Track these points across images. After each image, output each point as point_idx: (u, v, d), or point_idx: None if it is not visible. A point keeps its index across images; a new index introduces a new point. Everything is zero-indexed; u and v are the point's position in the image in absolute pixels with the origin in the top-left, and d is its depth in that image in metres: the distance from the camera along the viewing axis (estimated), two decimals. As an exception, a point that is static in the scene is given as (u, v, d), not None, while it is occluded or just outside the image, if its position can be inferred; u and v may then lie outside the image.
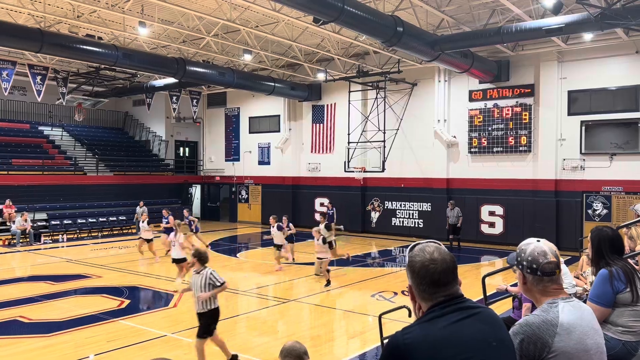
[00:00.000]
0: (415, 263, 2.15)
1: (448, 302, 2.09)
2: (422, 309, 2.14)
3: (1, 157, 23.66)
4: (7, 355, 7.83)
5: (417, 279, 2.14)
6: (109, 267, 15.24)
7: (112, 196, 25.63)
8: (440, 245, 2.20)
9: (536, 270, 2.41)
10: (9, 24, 15.48)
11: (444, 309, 2.06)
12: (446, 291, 2.10)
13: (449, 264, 2.13)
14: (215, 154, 30.55)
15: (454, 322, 2.03)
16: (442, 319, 2.04)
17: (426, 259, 2.13)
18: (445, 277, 2.11)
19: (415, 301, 2.19)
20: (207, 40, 19.01)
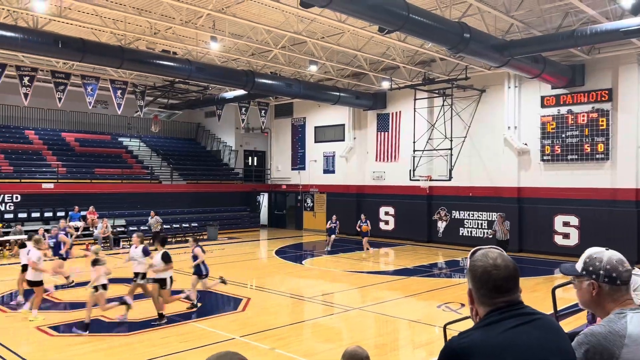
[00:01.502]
0: (477, 268, 2.15)
1: (507, 307, 2.08)
2: (480, 314, 2.15)
3: (85, 167, 25.38)
4: (89, 351, 8.39)
5: (477, 284, 2.15)
6: (181, 271, 15.90)
7: (184, 204, 26.76)
8: (503, 252, 2.21)
9: (616, 279, 2.33)
10: (93, 43, 16.66)
11: (502, 314, 2.06)
12: (506, 297, 2.10)
13: (512, 271, 2.13)
14: (281, 163, 31.19)
15: (512, 328, 2.02)
16: (500, 325, 2.03)
17: (489, 265, 2.13)
18: (507, 284, 2.11)
19: (473, 305, 2.20)
20: (275, 53, 19.54)
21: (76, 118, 28.74)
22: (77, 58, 16.29)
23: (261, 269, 17.80)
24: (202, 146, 33.80)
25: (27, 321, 10.11)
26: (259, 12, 16.19)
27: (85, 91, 21.31)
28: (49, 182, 23.07)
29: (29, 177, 22.93)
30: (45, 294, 11.04)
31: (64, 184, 23.34)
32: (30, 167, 23.86)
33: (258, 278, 15.43)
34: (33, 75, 19.62)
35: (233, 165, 31.50)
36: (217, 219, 26.51)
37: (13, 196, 21.66)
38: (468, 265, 2.21)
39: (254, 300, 12.03)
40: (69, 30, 17.32)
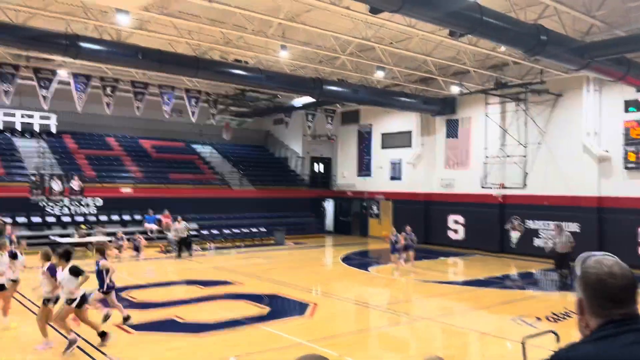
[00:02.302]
0: (590, 275, 1.97)
1: (623, 321, 1.89)
2: (591, 326, 1.96)
3: (161, 172, 26.55)
4: (164, 349, 8.71)
5: (590, 293, 1.97)
6: (250, 274, 16.26)
7: (253, 209, 27.35)
8: (618, 260, 2.02)
9: None
10: (170, 53, 17.44)
11: (619, 328, 1.87)
12: (623, 309, 1.91)
13: (630, 280, 1.93)
14: (347, 170, 31.21)
15: (630, 344, 1.83)
16: (616, 339, 1.85)
17: (603, 272, 1.95)
18: (624, 294, 1.92)
19: (582, 316, 2.01)
20: (342, 59, 19.61)
21: (153, 126, 30.12)
22: (156, 68, 17.12)
23: (327, 275, 17.84)
24: (270, 153, 34.48)
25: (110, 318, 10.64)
26: (328, 19, 16.31)
27: (162, 100, 22.34)
28: (127, 186, 24.34)
29: (110, 181, 24.29)
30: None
31: (141, 188, 24.53)
32: (110, 172, 25.28)
33: (324, 284, 15.47)
34: (115, 86, 20.81)
35: (300, 172, 31.88)
36: (283, 224, 26.88)
37: (96, 199, 23.01)
38: (579, 273, 2.03)
39: (321, 306, 12.06)
40: (148, 42, 18.21)
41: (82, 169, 24.27)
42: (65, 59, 17.78)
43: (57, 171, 22.79)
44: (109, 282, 9.94)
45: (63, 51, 14.84)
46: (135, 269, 17.89)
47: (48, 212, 21.75)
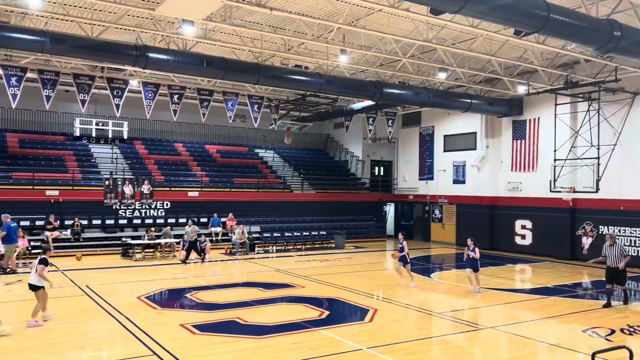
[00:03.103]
0: None
1: None
2: None
3: (225, 176, 27.30)
4: (226, 351, 8.92)
5: None
6: (311, 278, 16.36)
7: (314, 212, 27.55)
8: None
9: None
10: (234, 61, 17.91)
11: None
12: None
13: None
14: (409, 173, 30.80)
15: None
16: None
17: None
18: None
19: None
20: (403, 62, 19.41)
21: (218, 131, 31.08)
22: (220, 76, 17.63)
23: (388, 280, 17.65)
24: (330, 156, 34.62)
25: (175, 318, 11.05)
26: (388, 22, 16.20)
27: (226, 106, 22.98)
28: (194, 190, 25.18)
29: (177, 185, 25.23)
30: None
31: (207, 192, 25.31)
32: (178, 176, 26.26)
33: (385, 289, 15.32)
34: (182, 93, 21.61)
35: (360, 175, 31.79)
36: (344, 228, 26.89)
37: (164, 203, 23.97)
38: None
39: (381, 312, 11.95)
40: (212, 50, 18.82)
41: (152, 173, 25.36)
42: (135, 69, 18.68)
43: (128, 176, 23.95)
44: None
45: (133, 61, 15.59)
46: (200, 270, 18.45)
47: (120, 215, 22.87)
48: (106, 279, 16.27)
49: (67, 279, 15.88)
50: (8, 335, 9.48)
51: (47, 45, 14.27)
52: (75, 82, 19.54)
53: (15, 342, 9.30)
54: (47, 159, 24.46)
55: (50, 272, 17.01)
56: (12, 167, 22.74)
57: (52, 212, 20.97)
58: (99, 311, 11.78)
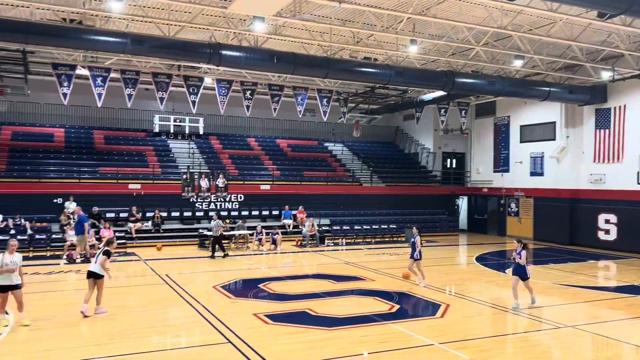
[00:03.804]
0: None
1: None
2: None
3: (296, 170, 27.71)
4: (298, 341, 9.08)
5: None
6: (381, 271, 16.30)
7: (384, 205, 27.36)
8: None
9: None
10: (303, 56, 18.09)
11: None
12: None
13: None
14: (482, 165, 29.85)
15: None
16: None
17: None
18: None
19: None
20: (477, 50, 18.79)
21: (288, 126, 31.56)
22: (290, 71, 17.88)
23: (460, 274, 17.25)
24: (400, 149, 34.21)
25: (248, 308, 11.39)
26: (460, 10, 15.74)
27: (296, 101, 23.29)
28: (266, 183, 25.78)
29: (250, 179, 25.91)
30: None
31: (278, 185, 25.82)
32: (251, 170, 26.96)
33: (457, 284, 14.98)
34: (254, 89, 22.14)
35: (431, 168, 31.20)
36: (414, 221, 26.45)
37: (238, 196, 24.71)
38: None
39: (453, 307, 11.70)
40: (282, 46, 19.10)
41: (226, 167, 26.20)
42: (209, 67, 19.33)
43: (204, 170, 24.89)
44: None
45: (207, 59, 16.13)
46: (273, 262, 18.89)
47: (197, 207, 23.83)
48: (184, 268, 17.03)
49: (148, 267, 16.79)
50: (28, 324, 9.75)
51: (129, 46, 15.07)
52: (154, 81, 20.53)
53: (98, 327, 9.95)
54: (129, 154, 25.91)
55: (133, 261, 18.14)
56: (99, 162, 24.28)
57: (134, 204, 22.22)
58: (177, 299, 12.35)
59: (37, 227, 19.67)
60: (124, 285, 13.96)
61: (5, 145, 23.87)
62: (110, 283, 11.52)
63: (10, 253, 9.80)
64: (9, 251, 9.82)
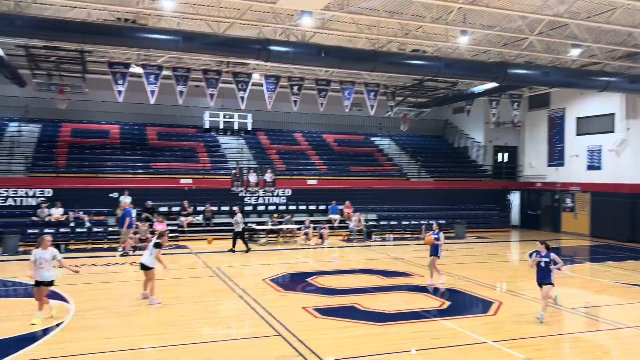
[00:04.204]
0: None
1: None
2: None
3: (342, 164, 27.66)
4: (347, 335, 9.06)
5: None
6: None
7: (432, 200, 26.93)
8: None
9: None
10: (350, 49, 17.97)
11: None
12: None
13: None
14: (536, 159, 28.87)
15: None
16: None
17: None
18: None
19: None
20: (530, 40, 18.15)
21: (334, 120, 31.48)
22: (337, 65, 17.82)
23: (513, 271, 16.77)
24: (449, 143, 33.55)
25: (297, 301, 11.46)
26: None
27: (343, 95, 23.20)
28: (312, 178, 25.87)
29: (297, 174, 26.07)
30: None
31: (325, 180, 25.86)
32: (298, 165, 27.11)
33: (509, 281, 14.58)
34: (301, 84, 22.21)
35: (481, 162, 30.44)
36: (464, 217, 25.98)
37: (285, 190, 24.92)
38: None
39: (506, 305, 11.38)
40: (329, 40, 19.04)
41: (274, 162, 26.45)
42: (258, 62, 19.51)
43: (253, 165, 25.22)
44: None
45: (256, 55, 16.27)
46: (320, 256, 18.94)
47: (246, 202, 24.19)
48: (234, 261, 17.32)
49: (199, 260, 17.18)
50: (35, 324, 9.33)
51: (180, 43, 15.39)
52: (204, 78, 20.93)
53: (152, 317, 10.24)
54: (181, 150, 26.56)
55: (185, 254, 18.61)
56: (152, 157, 25.01)
57: (186, 198, 22.77)
58: (228, 292, 12.57)
59: (94, 221, 20.48)
60: (176, 277, 14.34)
61: (66, 142, 24.96)
62: (163, 274, 11.85)
63: (43, 248, 9.55)
64: (43, 246, 9.57)
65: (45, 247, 9.55)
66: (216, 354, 8.13)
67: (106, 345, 8.31)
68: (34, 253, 9.53)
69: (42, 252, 9.48)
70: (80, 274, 11.07)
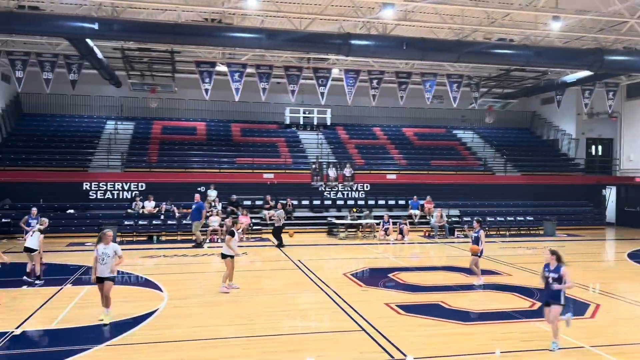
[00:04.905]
0: None
1: None
2: None
3: (423, 159, 27.13)
4: (433, 334, 8.85)
5: None
6: (518, 266, 15.37)
7: (519, 196, 25.80)
8: None
9: None
10: (433, 40, 17.53)
11: None
12: None
13: None
14: (635, 152, 26.80)
15: None
16: None
17: None
18: None
19: None
20: (631, 24, 16.82)
21: (414, 114, 30.94)
22: (419, 56, 17.46)
23: (609, 272, 15.69)
24: (537, 135, 31.94)
25: (379, 297, 11.38)
26: (612, -21, 14.16)
27: (424, 87, 22.71)
28: (392, 173, 25.60)
29: (376, 168, 25.89)
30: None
31: (404, 175, 25.49)
32: (377, 159, 26.92)
33: (606, 282, 13.62)
34: (380, 78, 22.01)
35: (573, 155, 28.71)
36: (554, 213, 24.62)
37: (364, 185, 24.85)
38: None
39: (605, 307, 10.64)
40: (411, 32, 18.69)
41: (353, 157, 26.44)
42: (338, 57, 19.55)
43: (332, 160, 25.36)
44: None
45: (337, 50, 16.31)
46: (400, 252, 18.71)
47: (326, 196, 24.38)
48: (315, 255, 17.52)
49: (281, 253, 17.54)
50: (103, 320, 9.17)
51: (264, 41, 15.74)
52: (285, 74, 21.29)
53: (239, 307, 10.55)
54: (263, 145, 27.24)
55: (267, 246, 19.07)
56: (236, 153, 25.86)
57: (268, 193, 23.32)
58: (310, 285, 12.72)
59: (183, 214, 21.50)
60: (260, 269, 14.73)
61: (157, 139, 26.38)
62: (249, 266, 12.21)
63: (105, 243, 9.15)
64: (105, 241, 9.16)
65: (107, 243, 9.17)
66: (302, 346, 8.24)
67: (196, 334, 8.67)
68: (96, 248, 9.20)
69: (104, 247, 9.12)
70: (170, 264, 11.66)
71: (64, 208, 21.35)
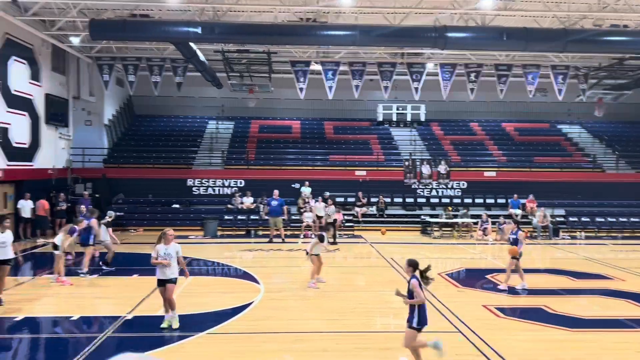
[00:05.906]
0: None
1: None
2: None
3: (524, 155, 25.77)
4: (536, 339, 8.34)
5: None
6: (632, 271, 14.11)
7: (633, 195, 23.69)
8: None
9: None
10: (536, 30, 16.57)
11: None
12: None
13: None
14: None
15: None
16: None
17: None
18: None
19: None
20: None
21: (515, 108, 29.45)
22: (521, 47, 16.57)
23: None
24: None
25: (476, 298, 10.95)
26: None
27: (526, 80, 21.54)
28: (490, 170, 24.55)
29: (474, 166, 24.96)
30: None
31: (504, 172, 24.35)
32: (474, 156, 25.96)
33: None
34: (478, 71, 21.18)
35: (701, 151, 25.84)
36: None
37: (460, 183, 24.07)
38: None
39: None
40: (511, 22, 17.79)
41: (448, 154, 25.70)
42: (433, 51, 19.07)
43: (426, 156, 24.83)
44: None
45: (432, 43, 15.92)
46: (499, 252, 17.89)
47: (419, 194, 23.92)
48: (408, 253, 17.14)
49: (374, 250, 17.46)
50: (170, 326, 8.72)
51: (357, 37, 15.73)
52: (379, 71, 21.16)
53: (332, 303, 10.62)
54: (355, 142, 27.28)
55: (360, 243, 19.08)
56: (329, 150, 26.14)
57: (360, 190, 23.32)
58: (403, 283, 12.49)
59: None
60: (353, 266, 14.76)
61: (255, 138, 27.37)
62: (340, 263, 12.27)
63: (166, 244, 8.59)
64: (165, 242, 8.60)
65: (168, 243, 8.60)
66: (394, 344, 8.12)
67: (291, 326, 8.86)
68: (156, 249, 8.58)
69: (165, 248, 8.55)
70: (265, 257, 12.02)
71: (170, 203, 22.81)
